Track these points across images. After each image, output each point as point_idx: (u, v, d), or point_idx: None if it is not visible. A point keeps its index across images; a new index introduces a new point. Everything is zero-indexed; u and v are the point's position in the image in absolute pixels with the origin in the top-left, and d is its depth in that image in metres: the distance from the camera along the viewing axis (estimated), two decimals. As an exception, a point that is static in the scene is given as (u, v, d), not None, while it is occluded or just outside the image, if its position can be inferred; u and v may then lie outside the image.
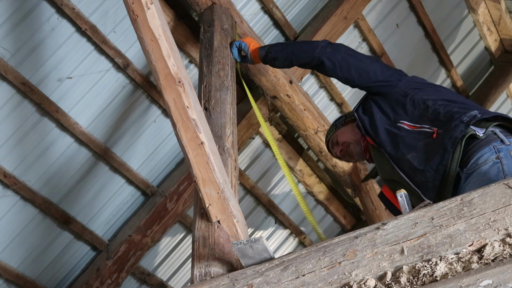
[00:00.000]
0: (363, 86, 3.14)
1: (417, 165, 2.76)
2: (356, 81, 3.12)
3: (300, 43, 3.41)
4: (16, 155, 3.50)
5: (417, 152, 2.78)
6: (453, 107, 2.81)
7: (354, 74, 3.10)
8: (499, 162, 2.54)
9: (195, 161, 2.45)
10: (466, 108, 2.78)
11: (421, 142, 2.79)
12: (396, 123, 2.92)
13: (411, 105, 2.93)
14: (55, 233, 3.82)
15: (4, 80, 3.32)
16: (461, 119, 2.70)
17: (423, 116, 2.86)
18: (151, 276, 4.34)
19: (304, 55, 3.24)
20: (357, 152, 3.24)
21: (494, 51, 5.40)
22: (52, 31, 3.37)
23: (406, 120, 2.90)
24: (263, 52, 3.38)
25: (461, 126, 2.67)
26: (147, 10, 2.37)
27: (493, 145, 2.62)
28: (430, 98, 2.90)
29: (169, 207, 4.06)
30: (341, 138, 3.30)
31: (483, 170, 2.56)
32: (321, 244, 2.13)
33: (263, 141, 4.55)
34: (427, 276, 1.87)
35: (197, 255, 2.47)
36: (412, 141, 2.82)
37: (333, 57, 3.14)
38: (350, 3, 4.29)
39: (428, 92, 2.97)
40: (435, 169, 2.69)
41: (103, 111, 3.72)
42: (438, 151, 2.69)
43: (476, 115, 2.70)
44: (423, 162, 2.74)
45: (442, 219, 1.97)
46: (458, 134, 2.66)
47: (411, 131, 2.85)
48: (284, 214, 4.87)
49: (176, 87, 2.39)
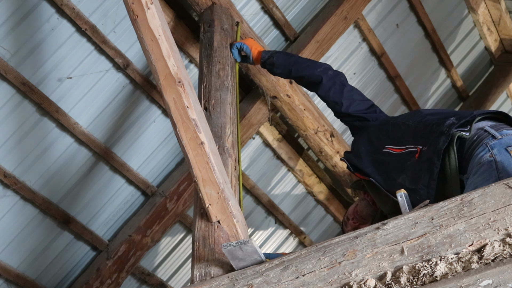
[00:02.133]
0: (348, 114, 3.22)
1: (409, 185, 2.72)
2: (343, 108, 3.22)
3: (305, 59, 3.48)
4: (16, 155, 3.50)
5: (406, 173, 2.76)
6: (432, 120, 2.80)
7: (345, 101, 3.22)
8: (493, 159, 2.52)
9: (195, 161, 2.45)
10: (444, 118, 2.77)
11: (408, 162, 2.77)
12: (382, 149, 2.93)
13: (393, 129, 2.96)
14: (55, 233, 3.82)
15: (4, 80, 3.32)
16: (440, 130, 2.69)
17: (405, 136, 2.87)
18: (151, 276, 4.34)
19: (306, 69, 3.31)
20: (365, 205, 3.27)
21: (494, 51, 5.40)
22: (52, 31, 3.37)
23: (390, 144, 2.91)
24: (266, 55, 3.41)
25: (442, 137, 2.66)
26: (147, 10, 2.37)
27: (485, 143, 2.57)
28: (410, 118, 2.94)
29: (169, 207, 4.07)
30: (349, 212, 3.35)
31: (480, 171, 2.54)
32: (321, 244, 2.13)
33: (263, 141, 4.55)
34: (427, 276, 1.87)
35: (197, 255, 2.47)
36: (400, 163, 2.81)
37: (332, 78, 3.25)
38: (350, 3, 4.29)
39: (408, 115, 3.04)
40: (427, 185, 2.66)
41: (103, 111, 3.72)
42: (426, 167, 2.67)
43: (454, 122, 2.69)
44: (415, 181, 2.71)
45: (442, 219, 1.97)
46: (441, 145, 2.64)
47: (398, 155, 2.85)
48: (284, 214, 4.87)
49: (176, 87, 2.39)
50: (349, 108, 3.21)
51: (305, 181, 4.85)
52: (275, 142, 4.57)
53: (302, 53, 4.12)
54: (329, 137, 4.44)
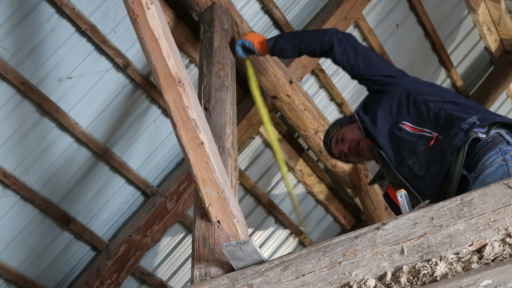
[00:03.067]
0: (366, 77, 3.08)
1: (417, 171, 2.74)
2: (361, 70, 3.08)
3: (309, 31, 3.35)
4: (16, 155, 3.50)
5: (417, 158, 2.75)
6: (454, 110, 2.77)
7: (361, 63, 3.08)
8: (505, 164, 2.53)
9: (195, 161, 2.45)
10: (467, 112, 2.74)
11: (421, 147, 2.76)
12: (398, 123, 2.88)
13: (413, 106, 2.88)
14: (55, 233, 3.82)
15: (4, 80, 3.32)
16: (460, 126, 2.67)
17: (425, 119, 2.82)
18: (151, 276, 4.34)
19: (314, 42, 3.21)
20: (368, 149, 3.13)
21: (494, 51, 5.40)
22: (52, 31, 3.37)
23: (408, 121, 2.86)
24: (270, 43, 3.34)
25: (461, 134, 2.65)
26: (147, 10, 2.37)
27: (499, 147, 2.60)
28: (432, 100, 2.86)
29: (169, 207, 4.06)
30: (350, 136, 3.18)
31: (488, 172, 2.54)
32: (321, 244, 2.13)
33: (263, 141, 4.55)
34: (427, 276, 1.87)
35: (197, 255, 2.47)
36: (413, 145, 2.79)
37: (343, 42, 3.13)
38: (350, 3, 4.29)
39: (430, 93, 2.92)
40: (435, 176, 2.67)
41: (103, 111, 3.72)
42: (437, 158, 2.67)
43: (475, 122, 2.67)
44: (423, 168, 2.72)
45: (442, 219, 1.97)
46: (457, 142, 2.63)
47: (412, 134, 2.82)
48: (284, 214, 4.87)
49: (176, 87, 2.39)
50: (366, 70, 3.07)
51: (305, 181, 4.85)
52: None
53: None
54: (329, 137, 4.44)
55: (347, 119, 3.28)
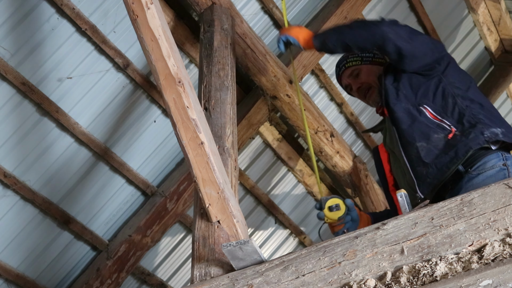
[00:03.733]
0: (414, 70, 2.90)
1: (423, 156, 2.69)
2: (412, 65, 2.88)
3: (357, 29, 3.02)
4: (16, 155, 3.50)
5: (428, 144, 2.71)
6: (479, 113, 2.73)
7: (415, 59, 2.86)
8: (506, 169, 2.53)
9: (195, 161, 2.45)
10: (492, 121, 2.71)
11: (436, 135, 2.71)
12: (420, 105, 2.81)
13: (440, 95, 2.82)
14: (55, 233, 3.82)
15: (4, 80, 3.32)
16: (482, 131, 2.64)
17: (448, 111, 2.77)
18: (151, 276, 4.34)
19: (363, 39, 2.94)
20: (375, 100, 3.04)
21: (494, 51, 5.40)
22: (52, 31, 3.37)
23: (430, 107, 2.80)
24: (318, 44, 3.10)
25: (480, 139, 2.62)
26: (147, 10, 2.37)
27: (501, 153, 2.60)
28: (460, 95, 2.80)
29: (169, 207, 4.06)
30: (365, 77, 3.08)
31: (489, 175, 2.54)
32: (321, 244, 2.13)
33: (263, 141, 4.55)
34: (427, 276, 1.87)
35: (197, 255, 2.47)
36: (428, 131, 2.73)
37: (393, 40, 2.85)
38: (350, 3, 4.29)
39: (461, 87, 2.85)
40: (440, 168, 2.65)
41: (103, 111, 3.72)
42: (449, 152, 2.65)
43: (498, 134, 2.64)
44: (431, 156, 2.68)
45: (442, 219, 1.97)
46: (474, 145, 2.61)
47: (430, 120, 2.76)
48: (284, 214, 4.87)
49: (176, 87, 2.39)
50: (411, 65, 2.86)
51: (305, 181, 4.85)
52: (275, 142, 4.57)
53: (302, 53, 4.12)
54: (329, 137, 4.44)
55: (370, 56, 3.13)
